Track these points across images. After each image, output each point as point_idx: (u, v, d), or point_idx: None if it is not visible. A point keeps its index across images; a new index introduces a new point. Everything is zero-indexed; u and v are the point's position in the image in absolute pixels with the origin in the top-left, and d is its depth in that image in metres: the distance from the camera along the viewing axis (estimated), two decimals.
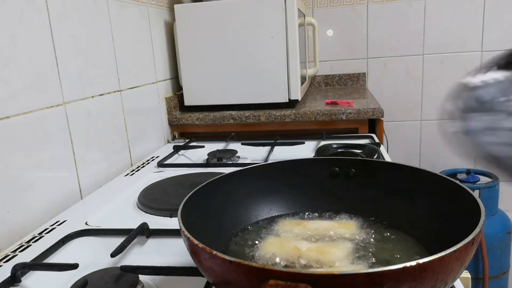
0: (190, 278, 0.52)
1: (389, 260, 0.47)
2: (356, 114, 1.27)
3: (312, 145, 1.16)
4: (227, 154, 1.08)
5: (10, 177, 0.70)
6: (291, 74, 1.29)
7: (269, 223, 0.58)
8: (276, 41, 1.26)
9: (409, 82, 1.90)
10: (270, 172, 0.62)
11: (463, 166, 1.89)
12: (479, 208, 0.42)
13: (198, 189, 0.53)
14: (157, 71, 1.29)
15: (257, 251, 0.51)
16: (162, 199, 0.79)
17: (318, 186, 0.62)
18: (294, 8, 1.23)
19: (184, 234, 0.41)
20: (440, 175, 0.52)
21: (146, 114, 1.21)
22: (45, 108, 0.79)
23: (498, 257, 1.61)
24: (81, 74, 0.90)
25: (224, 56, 1.31)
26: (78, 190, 0.88)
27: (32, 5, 0.76)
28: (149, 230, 0.65)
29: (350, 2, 1.85)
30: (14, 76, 0.72)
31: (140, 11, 1.18)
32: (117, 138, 1.04)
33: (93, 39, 0.95)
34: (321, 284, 0.31)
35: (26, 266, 0.56)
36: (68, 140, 0.85)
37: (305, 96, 1.65)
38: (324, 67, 1.92)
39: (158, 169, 1.03)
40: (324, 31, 1.89)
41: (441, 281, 0.34)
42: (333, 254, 0.48)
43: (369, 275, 0.31)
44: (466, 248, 0.35)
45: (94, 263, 0.59)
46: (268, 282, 0.32)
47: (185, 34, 1.31)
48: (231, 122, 1.33)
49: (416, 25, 1.83)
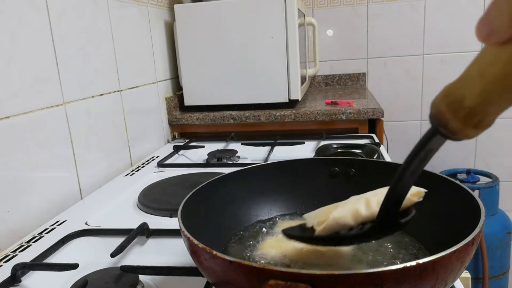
0: (190, 278, 0.52)
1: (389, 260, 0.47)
2: (356, 114, 1.27)
3: (312, 145, 1.16)
4: (227, 154, 1.08)
5: (10, 177, 0.70)
6: (291, 74, 1.29)
7: (269, 223, 0.58)
8: (276, 41, 1.26)
9: (409, 82, 1.90)
10: (270, 172, 0.62)
11: (463, 166, 1.89)
12: (479, 208, 0.42)
13: (198, 189, 0.53)
14: (157, 71, 1.29)
15: (257, 251, 0.51)
16: (162, 199, 0.79)
17: (318, 186, 0.62)
18: (294, 8, 1.23)
19: (184, 234, 0.41)
20: (440, 175, 0.52)
21: (146, 114, 1.21)
22: (45, 108, 0.79)
23: (498, 257, 1.61)
24: (81, 74, 0.90)
25: (224, 56, 1.31)
26: (78, 190, 0.88)
27: (32, 5, 0.76)
28: (149, 230, 0.65)
29: (350, 2, 1.85)
30: (14, 76, 0.72)
31: (140, 11, 1.18)
32: (117, 138, 1.04)
33: (93, 39, 0.95)
34: (321, 284, 0.32)
35: (26, 266, 0.56)
36: (68, 140, 0.85)
37: (305, 96, 1.65)
38: (324, 67, 1.92)
39: (158, 169, 1.03)
40: (324, 31, 1.89)
41: (441, 281, 0.34)
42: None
43: (369, 275, 0.31)
44: (466, 248, 0.35)
45: (94, 263, 0.59)
46: (268, 282, 0.32)
47: (185, 34, 1.31)
48: (231, 122, 1.33)
49: (416, 25, 1.84)
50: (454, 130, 0.26)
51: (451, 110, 0.26)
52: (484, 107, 0.25)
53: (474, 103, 0.25)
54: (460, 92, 0.26)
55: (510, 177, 1.93)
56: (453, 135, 0.27)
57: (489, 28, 0.24)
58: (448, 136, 0.27)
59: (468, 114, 0.25)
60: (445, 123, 0.27)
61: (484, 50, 0.25)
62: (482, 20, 0.24)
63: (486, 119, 0.25)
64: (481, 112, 0.25)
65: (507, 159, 1.92)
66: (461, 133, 0.26)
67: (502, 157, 1.92)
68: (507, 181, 1.92)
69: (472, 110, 0.25)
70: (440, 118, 0.27)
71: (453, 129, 0.26)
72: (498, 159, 1.92)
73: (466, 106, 0.25)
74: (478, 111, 0.25)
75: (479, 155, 1.93)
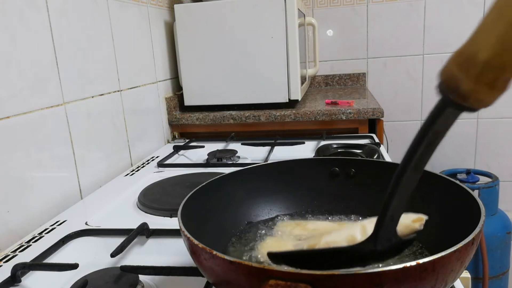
0: (190, 278, 0.52)
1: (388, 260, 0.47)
2: (356, 114, 1.27)
3: (312, 145, 1.16)
4: (227, 154, 1.08)
5: (10, 177, 0.70)
6: (291, 74, 1.29)
7: (269, 223, 0.58)
8: (276, 41, 1.26)
9: (409, 82, 1.90)
10: (270, 172, 0.62)
11: (463, 166, 1.89)
12: (479, 208, 0.42)
13: (198, 189, 0.53)
14: (157, 71, 1.29)
15: (257, 251, 0.51)
16: (162, 199, 0.79)
17: (318, 186, 0.62)
18: (294, 8, 1.23)
19: (184, 234, 0.41)
20: (440, 175, 0.52)
21: (146, 114, 1.21)
22: (45, 108, 0.79)
23: (498, 257, 1.61)
24: (81, 74, 0.90)
25: (224, 56, 1.31)
26: (78, 190, 0.88)
27: (32, 4, 0.76)
28: (149, 230, 0.65)
29: (350, 2, 1.85)
30: (14, 76, 0.72)
31: (140, 11, 1.18)
32: (117, 138, 1.04)
33: (93, 39, 0.95)
34: (321, 284, 0.32)
35: (26, 266, 0.56)
36: (68, 140, 0.85)
37: (305, 96, 1.65)
38: (324, 67, 1.92)
39: (158, 169, 1.03)
40: (324, 31, 1.89)
41: (441, 281, 0.34)
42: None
43: (369, 275, 0.31)
44: (466, 248, 0.35)
45: (94, 263, 0.59)
46: (268, 282, 0.32)
47: (185, 34, 1.31)
48: (231, 122, 1.33)
49: (416, 25, 1.83)
50: (466, 92, 0.23)
51: (464, 68, 0.23)
52: (500, 60, 0.22)
53: (490, 55, 0.22)
54: (473, 49, 0.23)
55: (510, 177, 1.93)
56: (464, 100, 0.23)
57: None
58: (459, 103, 0.24)
59: (482, 71, 0.22)
60: (456, 86, 0.23)
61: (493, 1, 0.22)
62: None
63: (502, 76, 0.23)
64: (497, 67, 0.22)
65: (507, 159, 1.92)
66: (473, 96, 0.23)
67: (502, 157, 1.92)
68: (507, 181, 1.92)
69: (487, 64, 0.22)
70: (450, 81, 0.24)
71: (465, 90, 0.23)
72: (498, 159, 1.92)
73: (480, 61, 0.22)
74: (493, 65, 0.22)
75: (479, 155, 1.93)
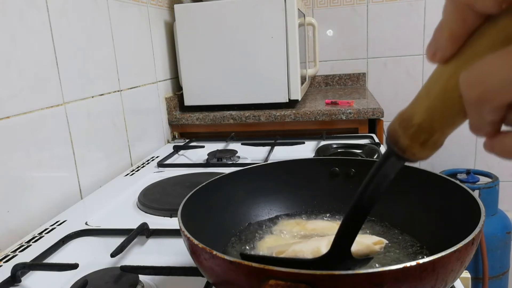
0: (190, 278, 0.52)
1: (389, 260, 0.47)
2: (356, 114, 1.27)
3: (312, 145, 1.16)
4: (227, 154, 1.08)
5: (10, 177, 0.70)
6: (291, 74, 1.29)
7: (269, 223, 0.58)
8: (276, 41, 1.26)
9: (409, 82, 1.90)
10: (270, 172, 0.62)
11: (463, 166, 1.89)
12: (479, 208, 0.42)
13: (198, 189, 0.53)
14: (157, 71, 1.29)
15: (257, 251, 0.51)
16: (162, 199, 0.79)
17: (318, 186, 0.62)
18: (294, 8, 1.23)
19: (184, 234, 0.41)
20: (440, 175, 0.52)
21: (146, 114, 1.21)
22: (45, 108, 0.79)
23: (498, 257, 1.61)
24: (81, 74, 0.90)
25: (224, 56, 1.31)
26: (78, 190, 0.88)
27: (32, 4, 0.76)
28: (149, 230, 0.65)
29: (350, 2, 1.85)
30: (14, 76, 0.72)
31: (140, 11, 1.18)
32: (117, 138, 1.04)
33: (93, 39, 0.95)
34: (321, 284, 0.31)
35: (26, 266, 0.56)
36: (68, 140, 0.85)
37: (305, 96, 1.65)
38: (324, 67, 1.92)
39: (158, 169, 1.03)
40: (324, 31, 1.89)
41: (441, 281, 0.34)
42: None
43: (369, 275, 0.31)
44: (466, 248, 0.35)
45: (94, 263, 0.59)
46: (268, 282, 0.32)
47: (185, 34, 1.31)
48: (231, 122, 1.33)
49: (416, 25, 1.83)
50: (403, 147, 0.28)
51: (402, 127, 0.28)
52: (429, 124, 0.26)
53: (421, 120, 0.26)
54: (410, 111, 0.27)
55: (510, 177, 1.93)
56: (403, 153, 0.28)
57: (434, 46, 0.25)
58: (399, 155, 0.28)
59: (416, 131, 0.27)
60: (397, 140, 0.28)
61: (433, 71, 0.26)
62: (430, 40, 0.25)
63: (432, 138, 0.27)
64: (427, 130, 0.26)
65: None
66: (409, 151, 0.28)
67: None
68: (507, 181, 1.92)
69: (419, 127, 0.27)
70: (393, 136, 0.28)
71: (402, 145, 0.28)
72: (498, 159, 1.90)
73: (414, 123, 0.27)
74: (424, 128, 0.26)
75: (479, 155, 1.93)
